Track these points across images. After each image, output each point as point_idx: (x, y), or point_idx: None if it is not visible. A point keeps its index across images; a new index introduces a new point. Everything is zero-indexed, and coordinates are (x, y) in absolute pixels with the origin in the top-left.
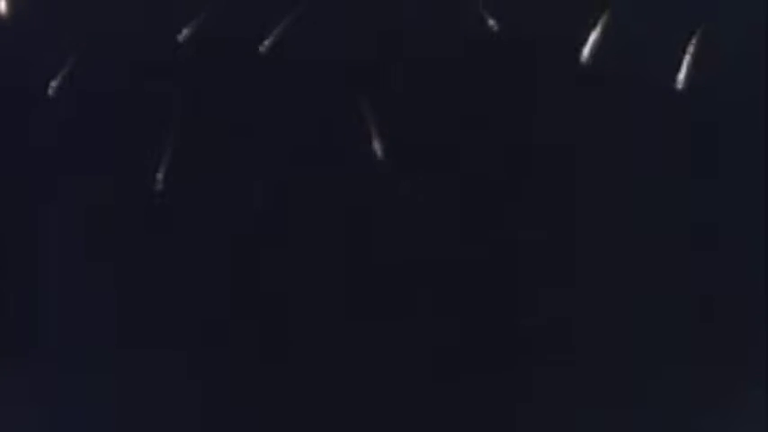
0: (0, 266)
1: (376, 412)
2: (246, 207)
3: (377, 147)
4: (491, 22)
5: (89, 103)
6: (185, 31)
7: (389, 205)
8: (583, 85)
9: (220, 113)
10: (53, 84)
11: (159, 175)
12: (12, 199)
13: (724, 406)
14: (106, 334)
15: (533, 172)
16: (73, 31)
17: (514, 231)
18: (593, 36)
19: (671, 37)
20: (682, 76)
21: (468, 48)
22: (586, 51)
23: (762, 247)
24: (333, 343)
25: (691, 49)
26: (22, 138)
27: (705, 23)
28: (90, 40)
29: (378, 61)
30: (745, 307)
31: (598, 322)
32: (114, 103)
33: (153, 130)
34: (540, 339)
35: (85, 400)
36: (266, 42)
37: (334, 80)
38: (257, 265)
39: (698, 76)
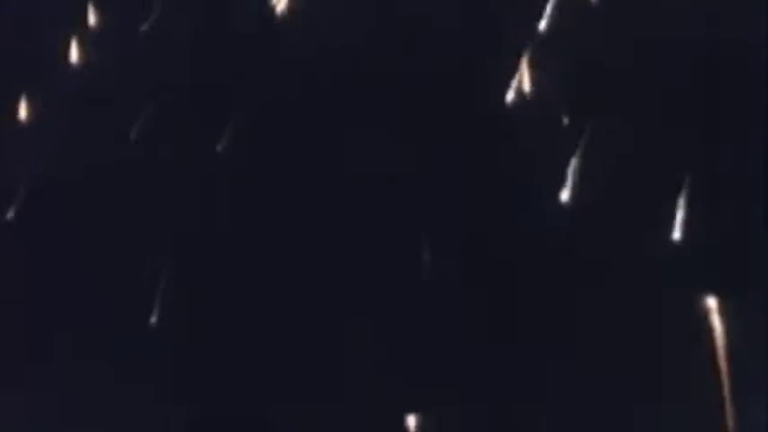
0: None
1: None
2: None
3: None
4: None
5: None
6: (135, 130)
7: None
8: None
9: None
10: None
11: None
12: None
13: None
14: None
15: None
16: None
17: None
18: (570, 177)
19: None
20: (678, 224)
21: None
22: (566, 191)
23: None
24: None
25: (683, 199)
26: None
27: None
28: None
29: None
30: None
31: (603, 323)
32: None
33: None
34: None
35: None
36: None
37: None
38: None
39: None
